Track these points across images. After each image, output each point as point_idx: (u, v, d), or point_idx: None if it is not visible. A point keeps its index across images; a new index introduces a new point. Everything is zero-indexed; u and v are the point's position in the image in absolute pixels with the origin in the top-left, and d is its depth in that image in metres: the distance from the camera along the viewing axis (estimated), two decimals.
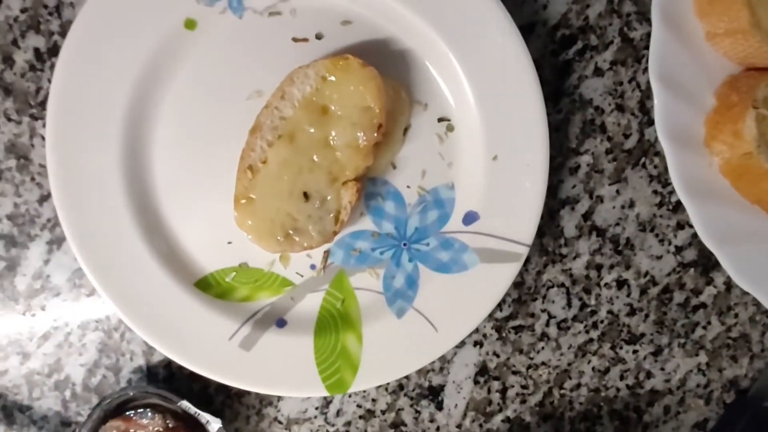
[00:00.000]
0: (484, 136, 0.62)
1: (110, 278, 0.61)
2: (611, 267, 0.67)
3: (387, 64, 0.62)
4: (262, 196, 0.59)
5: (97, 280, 0.61)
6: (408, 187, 0.63)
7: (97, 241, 0.61)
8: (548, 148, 0.61)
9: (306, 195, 0.59)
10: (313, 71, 0.58)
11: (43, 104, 0.63)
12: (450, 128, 0.64)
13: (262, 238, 0.59)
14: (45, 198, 0.65)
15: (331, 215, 0.60)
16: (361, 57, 0.59)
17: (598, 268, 0.67)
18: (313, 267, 0.64)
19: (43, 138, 0.64)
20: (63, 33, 0.63)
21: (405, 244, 0.63)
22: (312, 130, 0.59)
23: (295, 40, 0.62)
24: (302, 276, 0.64)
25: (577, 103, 0.66)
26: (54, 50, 0.63)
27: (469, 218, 0.64)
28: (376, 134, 0.59)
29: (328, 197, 0.60)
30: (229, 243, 0.64)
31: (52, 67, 0.63)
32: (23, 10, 0.63)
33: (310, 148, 0.59)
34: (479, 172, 0.63)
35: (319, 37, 0.62)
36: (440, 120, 0.64)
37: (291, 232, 0.60)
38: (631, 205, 0.66)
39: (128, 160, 0.62)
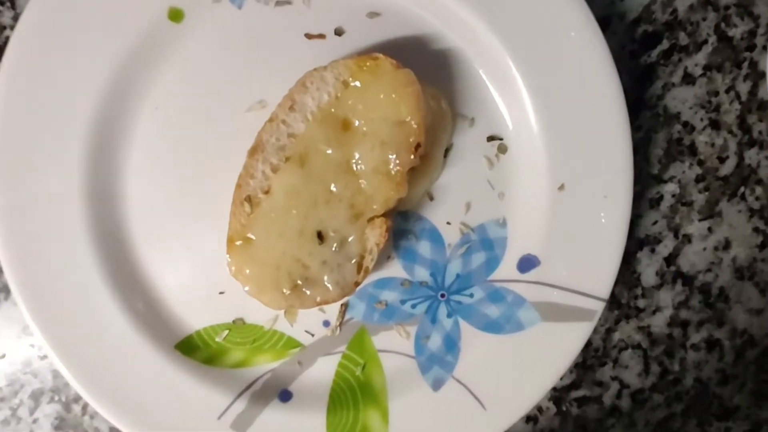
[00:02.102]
0: (548, 160, 0.50)
1: (66, 339, 0.49)
2: (700, 324, 0.56)
3: (425, 67, 0.50)
4: (264, 236, 0.47)
5: (49, 341, 0.49)
6: (448, 223, 0.53)
7: (49, 291, 0.49)
8: (632, 176, 0.48)
9: (321, 235, 0.46)
10: (331, 74, 0.45)
11: None
12: (502, 149, 0.51)
13: (263, 291, 0.47)
14: None
15: (353, 261, 0.47)
16: (394, 58, 0.47)
17: (684, 325, 0.56)
18: (326, 324, 0.53)
19: None
20: None
21: (443, 295, 0.53)
22: (329, 151, 0.46)
23: (308, 36, 0.50)
24: (313, 335, 0.53)
25: (661, 118, 0.54)
26: (4, 48, 0.50)
27: (527, 264, 0.51)
28: (413, 157, 0.46)
29: (350, 238, 0.47)
30: (221, 293, 0.53)
31: None
32: None
33: (326, 175, 0.46)
34: (540, 206, 0.51)
35: (339, 32, 0.50)
36: (490, 139, 0.52)
37: (300, 282, 0.47)
38: (726, 246, 0.55)
39: (93, 188, 0.50)
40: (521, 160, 0.51)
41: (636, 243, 0.55)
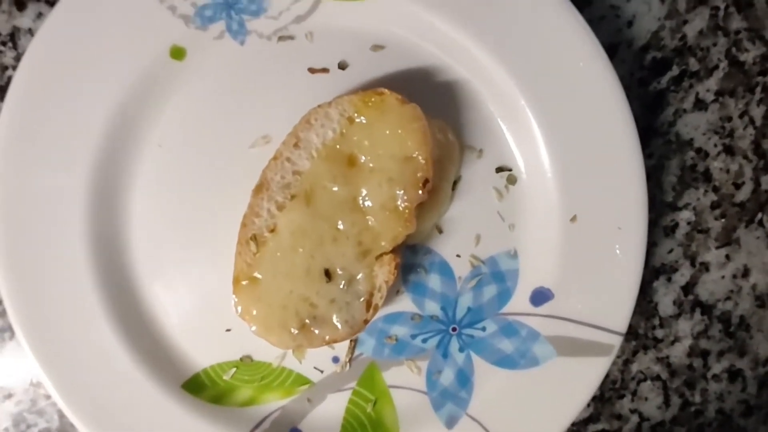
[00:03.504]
0: (559, 191, 0.49)
1: (71, 380, 0.48)
2: (721, 354, 0.55)
3: (431, 99, 0.49)
4: (271, 275, 0.45)
5: (54, 381, 0.48)
6: (458, 256, 0.51)
7: (53, 331, 0.48)
8: (647, 205, 0.47)
9: (328, 273, 0.45)
10: (336, 111, 0.45)
11: None
12: (512, 180, 0.50)
13: (270, 331, 0.46)
14: None
15: (362, 299, 0.46)
16: (399, 91, 0.46)
17: (704, 355, 0.54)
18: (336, 360, 0.52)
19: None
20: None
21: (454, 329, 0.52)
22: (335, 188, 0.45)
23: (312, 70, 0.49)
24: (322, 372, 0.52)
25: (674, 145, 0.53)
26: (8, 88, 0.50)
27: (540, 297, 0.50)
28: (421, 192, 0.45)
29: (358, 276, 0.46)
30: (228, 331, 0.51)
31: None
32: None
33: (333, 212, 0.45)
34: (552, 238, 0.50)
35: (342, 66, 0.49)
36: (499, 170, 0.50)
37: (308, 321, 0.45)
38: (746, 273, 0.54)
39: (97, 227, 0.49)
40: (531, 191, 0.50)
41: (652, 272, 0.53)
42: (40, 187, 0.47)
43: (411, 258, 0.51)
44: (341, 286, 0.46)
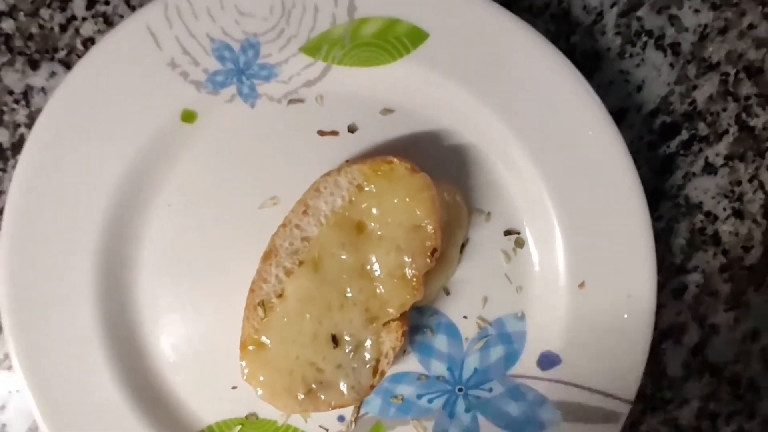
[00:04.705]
0: (567, 256, 0.49)
1: None
2: (730, 416, 0.54)
3: (439, 162, 0.49)
4: (278, 340, 0.45)
5: None
6: (465, 317, 0.51)
7: (60, 388, 0.48)
8: (656, 275, 0.47)
9: (335, 339, 0.45)
10: (345, 179, 0.45)
11: (2, 212, 0.50)
12: (520, 243, 0.50)
13: (276, 396, 0.45)
14: (2, 329, 0.51)
15: (368, 365, 0.45)
16: (406, 154, 0.46)
17: (713, 417, 0.54)
18: (341, 419, 0.52)
19: None
20: (31, 125, 0.51)
21: (460, 390, 0.51)
22: (344, 256, 0.45)
23: (321, 133, 0.49)
24: (327, 430, 0.51)
25: (683, 208, 0.52)
26: (20, 146, 0.51)
27: (547, 361, 0.49)
28: (429, 260, 0.44)
29: (365, 342, 0.45)
30: (234, 388, 0.51)
31: (16, 166, 0.50)
32: None
33: (341, 279, 0.45)
34: (559, 302, 0.49)
35: (352, 129, 0.49)
36: (507, 233, 0.50)
37: (315, 386, 0.45)
38: (755, 336, 0.54)
39: (105, 285, 0.49)
40: (539, 255, 0.50)
41: (660, 333, 0.53)
42: (49, 242, 0.47)
43: (418, 319, 0.51)
44: (348, 352, 0.45)
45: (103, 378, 0.48)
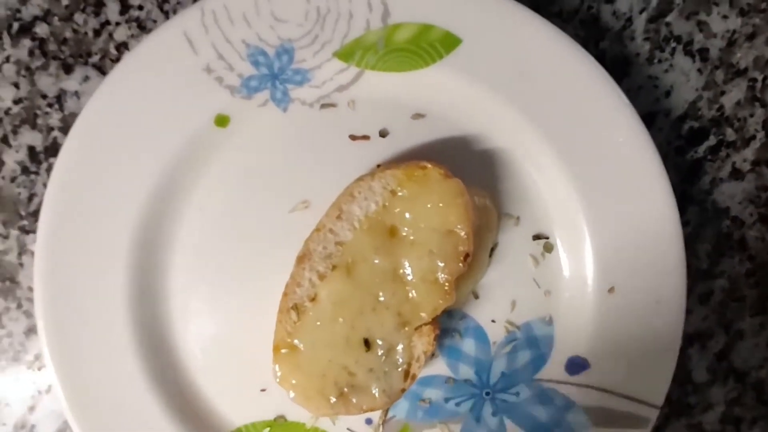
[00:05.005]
0: (596, 261, 0.49)
1: None
2: (753, 421, 0.55)
3: (470, 167, 0.50)
4: (311, 343, 0.45)
5: None
6: (493, 321, 0.51)
7: (92, 389, 0.48)
8: (685, 281, 0.47)
9: (368, 343, 0.45)
10: (379, 184, 0.45)
11: (35, 215, 0.51)
12: (548, 248, 0.50)
13: (309, 399, 0.46)
14: (33, 330, 0.52)
15: (400, 369, 0.46)
16: (437, 158, 0.47)
17: (737, 422, 0.54)
18: (369, 422, 0.52)
19: (34, 256, 0.50)
20: (64, 128, 0.51)
21: (488, 393, 0.51)
22: (377, 260, 0.45)
23: (353, 137, 0.49)
24: None
25: (709, 213, 0.53)
26: (52, 149, 0.51)
27: (575, 366, 0.49)
28: (461, 265, 0.45)
29: (397, 346, 0.46)
30: (263, 390, 0.51)
31: (49, 169, 0.51)
32: (17, 101, 0.51)
33: (373, 283, 0.45)
34: (588, 307, 0.50)
35: (383, 134, 0.49)
36: (536, 237, 0.50)
37: (347, 390, 0.46)
38: None
39: (137, 288, 0.49)
40: (568, 259, 0.50)
41: (686, 339, 0.53)
42: (83, 245, 0.48)
43: (446, 322, 0.51)
44: (380, 356, 0.46)
45: (135, 380, 0.48)
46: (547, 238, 0.50)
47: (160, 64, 0.45)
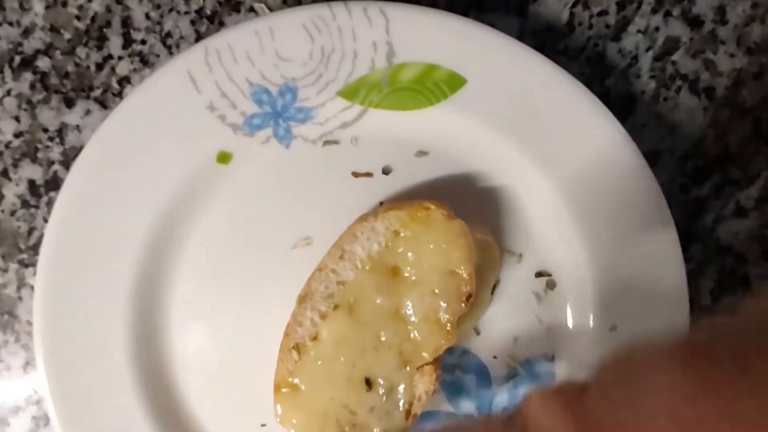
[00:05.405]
0: (599, 298, 0.49)
1: None
2: None
3: (472, 204, 0.49)
4: (312, 382, 0.45)
5: None
6: (495, 357, 0.51)
7: (90, 422, 0.48)
8: (688, 314, 0.47)
9: (369, 382, 0.45)
10: (382, 225, 0.45)
11: (35, 248, 0.51)
12: (551, 285, 0.50)
13: None
14: (32, 363, 0.52)
15: (402, 408, 0.46)
16: (439, 195, 0.46)
17: None
18: None
19: (33, 290, 0.50)
20: (65, 162, 0.51)
21: None
22: (379, 300, 0.45)
23: (355, 174, 0.49)
24: None
25: (713, 250, 0.52)
26: (53, 183, 0.51)
27: None
28: (464, 305, 0.45)
29: (399, 385, 0.45)
30: (263, 426, 0.50)
31: (49, 203, 0.51)
32: (17, 134, 0.50)
33: (375, 323, 0.45)
34: (591, 345, 0.49)
35: (386, 171, 0.49)
36: (538, 275, 0.50)
37: (348, 429, 0.46)
38: None
39: (138, 323, 0.49)
40: (571, 297, 0.50)
41: None
42: (83, 280, 0.47)
43: (447, 358, 0.50)
44: (381, 395, 0.46)
45: (134, 412, 0.48)
46: (550, 275, 0.50)
47: (163, 103, 0.45)
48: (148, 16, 0.50)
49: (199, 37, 0.50)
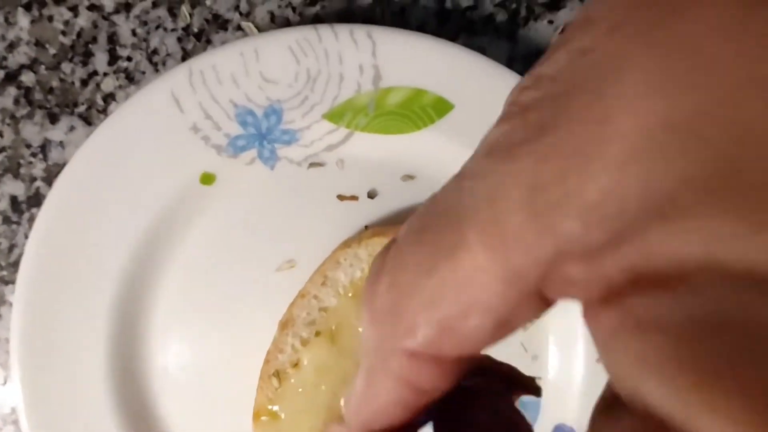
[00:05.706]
0: (585, 327, 0.47)
1: None
2: None
3: None
4: (292, 410, 0.44)
5: None
6: None
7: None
8: None
9: None
10: (365, 251, 0.44)
11: (15, 265, 0.50)
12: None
13: None
14: (9, 382, 0.50)
15: None
16: None
17: None
18: None
19: (12, 307, 0.49)
20: (48, 179, 0.50)
21: None
22: (361, 327, 0.44)
23: (341, 198, 0.48)
24: None
25: None
26: (35, 199, 0.50)
27: None
28: None
29: None
30: None
31: (31, 220, 0.50)
32: (0, 150, 0.50)
33: (357, 350, 0.44)
34: (576, 374, 0.48)
35: (371, 195, 0.49)
36: None
37: None
38: None
39: (118, 345, 0.48)
40: (556, 324, 0.49)
41: None
42: (63, 300, 0.46)
43: None
44: None
45: None
46: None
47: (147, 123, 0.44)
48: (134, 33, 0.50)
49: (185, 55, 0.50)
